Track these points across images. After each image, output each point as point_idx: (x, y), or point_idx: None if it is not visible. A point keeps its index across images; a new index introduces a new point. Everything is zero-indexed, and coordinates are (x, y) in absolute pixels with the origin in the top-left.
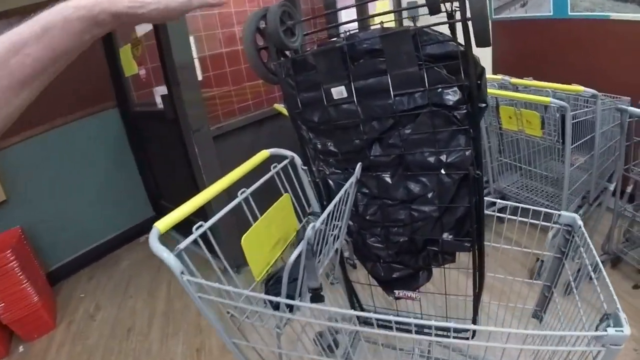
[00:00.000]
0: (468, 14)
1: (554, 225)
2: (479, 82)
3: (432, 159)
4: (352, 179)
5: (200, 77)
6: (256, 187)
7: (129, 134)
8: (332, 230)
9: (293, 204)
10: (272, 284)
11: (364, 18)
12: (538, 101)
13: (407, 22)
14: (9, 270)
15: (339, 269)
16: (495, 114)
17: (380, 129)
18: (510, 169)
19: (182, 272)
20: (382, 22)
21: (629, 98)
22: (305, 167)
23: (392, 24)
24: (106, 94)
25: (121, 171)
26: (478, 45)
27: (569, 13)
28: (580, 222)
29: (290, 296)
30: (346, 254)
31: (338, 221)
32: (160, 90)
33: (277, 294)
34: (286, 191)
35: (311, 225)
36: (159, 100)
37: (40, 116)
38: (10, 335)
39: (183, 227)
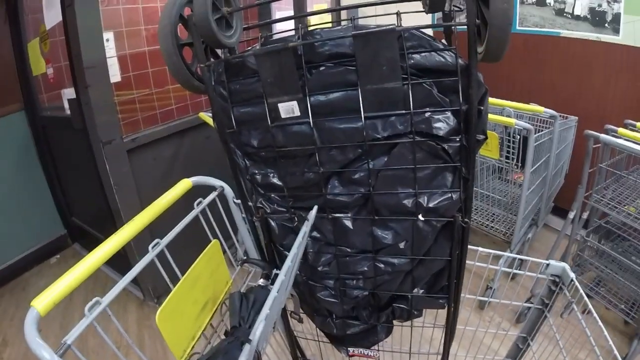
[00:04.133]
0: (475, 16)
1: (539, 276)
2: (480, 107)
3: (408, 202)
4: (305, 229)
5: (118, 79)
6: (174, 235)
7: (37, 141)
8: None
9: (222, 247)
10: None
11: (301, 15)
12: (502, 122)
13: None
14: None
15: (280, 322)
16: None
17: (342, 161)
18: None
19: None
20: (353, 18)
21: (576, 117)
22: (239, 201)
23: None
24: (13, 95)
25: (28, 183)
26: (487, 60)
27: (517, 27)
28: (571, 275)
29: None
30: (290, 308)
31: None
32: (68, 93)
33: None
34: (215, 235)
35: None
36: (67, 105)
37: None
38: None
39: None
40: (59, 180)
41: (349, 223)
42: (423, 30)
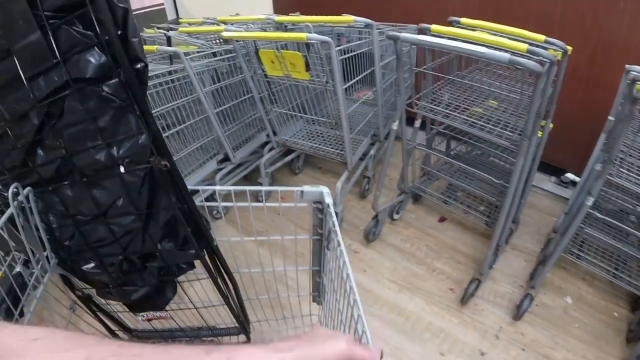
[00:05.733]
0: None
1: (298, 204)
2: (121, 31)
3: (100, 156)
4: (10, 211)
5: None
6: None
7: None
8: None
9: None
10: None
11: None
12: (293, 38)
13: None
14: None
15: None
16: (257, 60)
17: (32, 129)
18: (294, 118)
19: None
20: None
21: (415, 26)
22: None
23: None
24: None
25: None
26: None
27: None
28: (328, 200)
29: None
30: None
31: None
32: None
33: None
34: None
35: None
36: None
37: None
38: None
39: None
40: None
41: (68, 191)
42: None
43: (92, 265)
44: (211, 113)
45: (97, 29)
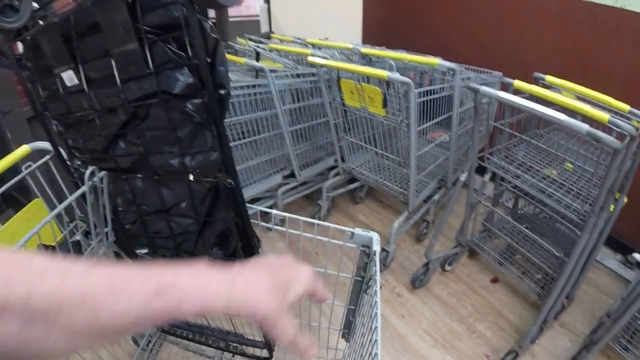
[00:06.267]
0: None
1: (347, 244)
2: (211, 59)
3: (174, 162)
4: (84, 188)
5: None
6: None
7: None
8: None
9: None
10: None
11: None
12: (375, 75)
13: None
14: None
15: None
16: (337, 88)
17: (117, 123)
18: (363, 148)
19: None
20: None
21: (500, 73)
22: (69, 165)
23: None
24: None
25: None
26: (209, 6)
27: None
28: (376, 247)
29: None
30: None
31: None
32: None
33: None
34: (44, 194)
35: None
36: None
37: None
38: None
39: None
40: None
41: (140, 183)
42: None
43: (145, 251)
44: (286, 130)
45: (190, 52)
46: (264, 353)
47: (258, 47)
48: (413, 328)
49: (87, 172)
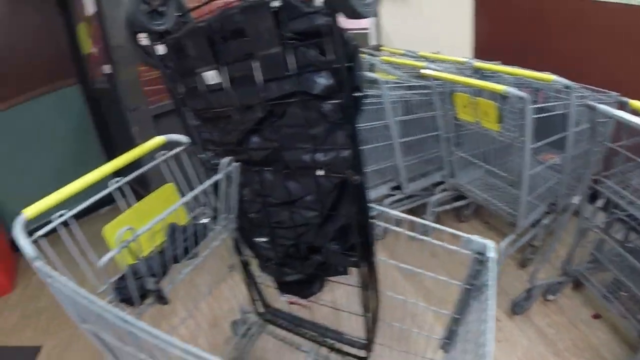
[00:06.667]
0: None
1: (462, 250)
2: (350, 64)
3: (306, 157)
4: (220, 176)
5: None
6: (134, 176)
7: (92, 111)
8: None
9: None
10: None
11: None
12: (491, 89)
13: None
14: None
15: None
16: (450, 101)
17: (254, 119)
18: (473, 165)
19: (37, 259)
20: None
21: (617, 94)
22: (203, 156)
23: None
24: (67, 71)
25: (83, 147)
26: (349, 16)
27: None
28: (490, 254)
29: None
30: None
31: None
32: (107, 68)
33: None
34: (176, 181)
35: None
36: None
37: None
38: None
39: None
40: (110, 143)
41: (269, 175)
42: None
43: (264, 239)
44: (396, 141)
45: (331, 57)
46: (361, 353)
47: (371, 60)
48: (507, 355)
49: (224, 162)
